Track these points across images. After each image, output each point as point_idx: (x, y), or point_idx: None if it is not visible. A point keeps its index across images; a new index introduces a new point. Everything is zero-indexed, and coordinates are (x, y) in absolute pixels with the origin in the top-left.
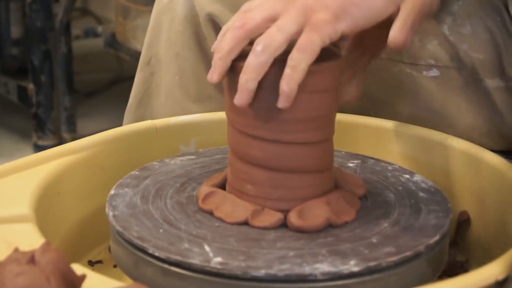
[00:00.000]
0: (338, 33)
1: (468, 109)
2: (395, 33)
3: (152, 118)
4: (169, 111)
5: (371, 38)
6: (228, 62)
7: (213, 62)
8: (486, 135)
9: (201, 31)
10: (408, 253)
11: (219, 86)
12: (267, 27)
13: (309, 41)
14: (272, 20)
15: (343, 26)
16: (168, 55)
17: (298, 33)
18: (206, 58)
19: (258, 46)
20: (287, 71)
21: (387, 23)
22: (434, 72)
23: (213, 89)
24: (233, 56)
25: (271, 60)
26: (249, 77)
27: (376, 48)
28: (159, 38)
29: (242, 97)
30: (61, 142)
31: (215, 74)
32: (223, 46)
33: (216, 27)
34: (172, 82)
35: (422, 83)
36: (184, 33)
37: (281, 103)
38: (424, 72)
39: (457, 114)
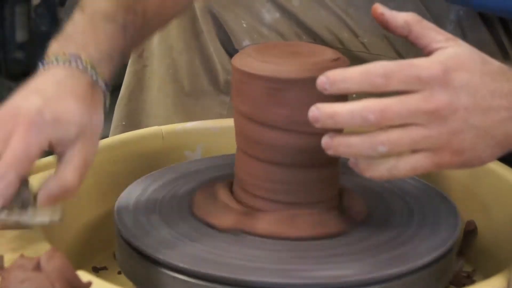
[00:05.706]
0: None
1: None
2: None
3: (144, 112)
4: (162, 105)
5: None
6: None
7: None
8: None
9: (198, 24)
10: (414, 264)
11: (213, 80)
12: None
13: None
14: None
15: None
16: (162, 48)
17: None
18: (201, 51)
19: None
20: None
21: None
22: None
23: (207, 83)
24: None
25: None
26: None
27: None
28: None
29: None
30: None
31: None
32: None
33: (215, 20)
34: (165, 75)
35: None
36: (179, 25)
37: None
38: None
39: None
